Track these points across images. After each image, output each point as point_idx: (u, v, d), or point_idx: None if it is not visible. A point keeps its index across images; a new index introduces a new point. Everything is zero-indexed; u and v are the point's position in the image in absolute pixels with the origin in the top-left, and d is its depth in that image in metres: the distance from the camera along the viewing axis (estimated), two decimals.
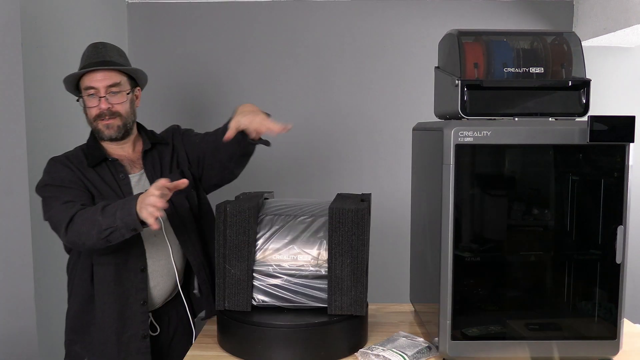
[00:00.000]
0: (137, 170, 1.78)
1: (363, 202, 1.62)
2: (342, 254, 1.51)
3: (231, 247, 1.55)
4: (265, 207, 1.67)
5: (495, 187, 1.51)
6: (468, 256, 1.47)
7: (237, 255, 1.55)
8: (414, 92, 2.85)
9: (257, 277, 1.56)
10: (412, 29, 2.85)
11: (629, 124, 1.40)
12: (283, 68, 2.89)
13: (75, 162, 1.71)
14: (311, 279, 1.55)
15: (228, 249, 1.55)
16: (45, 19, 2.18)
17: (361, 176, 2.94)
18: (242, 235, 1.55)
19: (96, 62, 1.68)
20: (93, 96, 1.68)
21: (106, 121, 1.70)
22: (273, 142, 1.74)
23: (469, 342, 1.47)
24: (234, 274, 1.55)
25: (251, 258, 1.55)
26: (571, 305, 1.55)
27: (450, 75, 1.55)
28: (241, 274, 1.55)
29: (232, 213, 1.54)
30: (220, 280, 1.57)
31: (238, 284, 1.55)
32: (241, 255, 1.55)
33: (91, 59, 1.70)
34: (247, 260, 1.55)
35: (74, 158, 1.73)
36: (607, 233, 1.46)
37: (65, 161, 1.71)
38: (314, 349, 1.50)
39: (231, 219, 1.55)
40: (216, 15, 2.87)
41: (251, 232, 1.56)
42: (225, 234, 1.55)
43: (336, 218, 1.51)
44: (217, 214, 1.57)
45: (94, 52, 1.71)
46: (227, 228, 1.55)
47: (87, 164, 1.71)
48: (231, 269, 1.55)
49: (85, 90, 1.68)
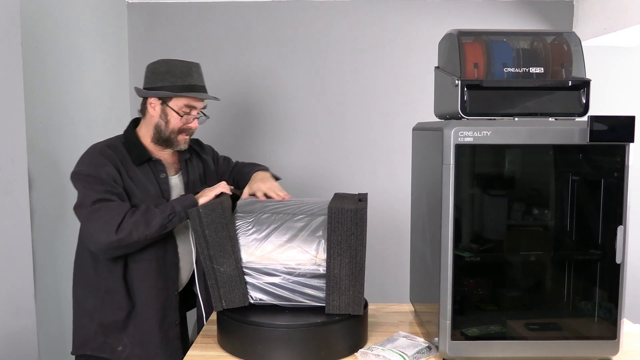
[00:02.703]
0: (174, 173, 1.92)
1: (361, 201, 1.62)
2: (340, 253, 1.51)
3: (214, 246, 1.55)
4: (263, 206, 1.68)
5: (495, 187, 1.51)
6: (468, 256, 1.47)
7: (221, 252, 1.55)
8: (414, 92, 2.85)
9: (255, 275, 1.57)
10: (412, 29, 2.86)
11: (629, 124, 1.40)
12: (283, 68, 2.89)
13: (120, 157, 1.79)
14: (309, 278, 1.56)
15: (211, 249, 1.55)
16: (45, 19, 2.18)
17: (361, 176, 2.94)
18: (221, 232, 1.56)
19: (202, 87, 1.88)
20: (189, 114, 1.85)
21: (186, 136, 1.89)
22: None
23: (469, 342, 1.47)
24: (224, 271, 1.55)
25: (237, 253, 1.56)
26: (571, 305, 1.55)
27: (450, 75, 1.55)
28: (231, 270, 1.55)
29: (206, 213, 1.55)
30: (212, 282, 1.57)
31: (230, 281, 1.56)
32: (225, 251, 1.55)
33: (198, 81, 1.87)
34: (233, 255, 1.55)
35: (117, 152, 1.80)
36: (607, 233, 1.46)
37: (109, 153, 1.77)
38: (314, 349, 1.50)
39: (206, 219, 1.55)
40: (216, 15, 2.87)
41: (230, 227, 1.57)
42: (205, 235, 1.55)
43: (335, 217, 1.51)
44: (192, 221, 1.57)
45: (198, 75, 1.87)
46: (205, 229, 1.55)
47: (132, 161, 1.80)
48: (220, 267, 1.55)
49: (186, 107, 1.84)
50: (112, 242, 1.64)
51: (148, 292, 1.80)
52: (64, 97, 2.31)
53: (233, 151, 2.92)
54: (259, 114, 2.92)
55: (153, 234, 1.68)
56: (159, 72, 1.82)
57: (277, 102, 2.91)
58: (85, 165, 1.74)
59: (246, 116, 2.93)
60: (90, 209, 1.66)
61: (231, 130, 2.94)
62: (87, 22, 2.51)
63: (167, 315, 1.84)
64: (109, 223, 1.64)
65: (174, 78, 1.80)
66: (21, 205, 1.98)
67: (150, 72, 1.85)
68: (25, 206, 1.98)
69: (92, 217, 1.66)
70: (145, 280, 1.80)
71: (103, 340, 1.80)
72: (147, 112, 1.85)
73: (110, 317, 1.79)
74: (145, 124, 1.87)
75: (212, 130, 2.94)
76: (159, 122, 1.83)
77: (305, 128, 2.92)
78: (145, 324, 1.80)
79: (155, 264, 1.80)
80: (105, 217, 1.64)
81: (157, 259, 1.80)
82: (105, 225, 1.64)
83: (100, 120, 2.59)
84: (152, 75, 1.83)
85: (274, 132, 2.92)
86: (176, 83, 1.80)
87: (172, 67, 1.81)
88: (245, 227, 1.61)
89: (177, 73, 1.81)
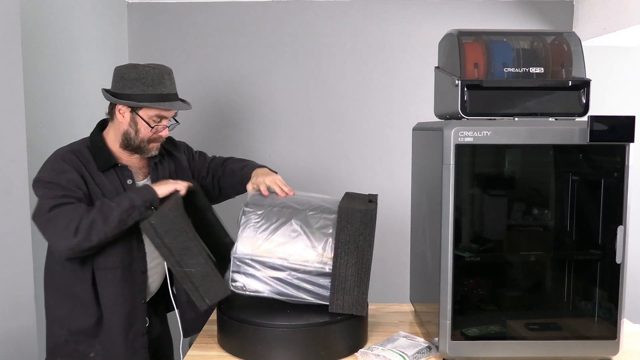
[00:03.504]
0: (142, 178, 1.84)
1: (371, 202, 1.61)
2: (347, 253, 1.51)
3: (178, 252, 1.54)
4: (274, 199, 1.66)
5: (495, 187, 1.51)
6: (468, 256, 1.47)
7: (187, 255, 1.54)
8: (414, 92, 2.85)
9: (259, 267, 1.55)
10: (412, 29, 2.85)
11: (629, 124, 1.40)
12: (283, 68, 2.89)
13: (84, 162, 1.72)
14: (314, 276, 1.54)
15: (177, 255, 1.54)
16: (45, 19, 2.18)
17: (361, 176, 2.94)
18: (180, 236, 1.54)
19: (175, 96, 1.80)
20: (159, 123, 1.78)
21: (157, 143, 1.81)
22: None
23: (469, 342, 1.48)
24: (197, 271, 1.54)
25: (202, 250, 1.55)
26: (571, 305, 1.55)
27: (450, 75, 1.55)
28: (203, 268, 1.54)
29: (159, 224, 1.53)
30: (189, 285, 1.56)
31: (206, 277, 1.55)
32: (192, 253, 1.54)
33: (170, 89, 1.79)
34: (199, 254, 1.54)
35: (81, 157, 1.73)
36: (607, 233, 1.46)
37: (72, 159, 1.71)
38: (314, 349, 1.50)
39: (162, 229, 1.53)
40: (216, 15, 2.87)
41: (188, 228, 1.56)
42: (166, 243, 1.54)
43: (345, 217, 1.51)
44: (148, 233, 1.55)
45: (170, 82, 1.79)
46: (163, 238, 1.54)
47: (97, 167, 1.73)
48: (191, 270, 1.54)
49: (157, 117, 1.77)
50: (72, 247, 1.59)
51: (114, 300, 1.73)
52: (64, 97, 2.31)
53: (233, 151, 2.92)
54: (259, 114, 2.92)
55: (113, 229, 1.61)
56: (128, 78, 1.72)
57: (277, 102, 2.91)
58: (47, 171, 1.68)
59: (246, 116, 2.93)
60: (47, 216, 1.61)
61: (231, 130, 2.93)
62: (87, 22, 2.51)
63: (133, 324, 1.76)
64: (66, 228, 1.58)
65: (144, 86, 1.71)
66: (21, 205, 1.98)
67: (119, 77, 1.75)
68: (25, 206, 1.98)
69: (49, 224, 1.61)
70: (111, 288, 1.73)
71: (74, 347, 1.75)
72: (115, 118, 1.76)
73: (81, 324, 1.73)
74: (113, 129, 1.78)
75: (212, 130, 2.95)
76: (128, 130, 1.75)
77: (306, 128, 2.92)
78: (111, 332, 1.74)
79: (120, 271, 1.73)
80: (62, 222, 1.59)
81: (122, 267, 1.73)
82: (64, 230, 1.58)
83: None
84: (122, 81, 1.73)
85: (274, 132, 2.92)
86: (147, 92, 1.71)
87: (142, 73, 1.72)
88: (255, 219, 1.59)
89: (148, 81, 1.72)
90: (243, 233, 1.57)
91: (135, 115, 1.74)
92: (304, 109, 2.92)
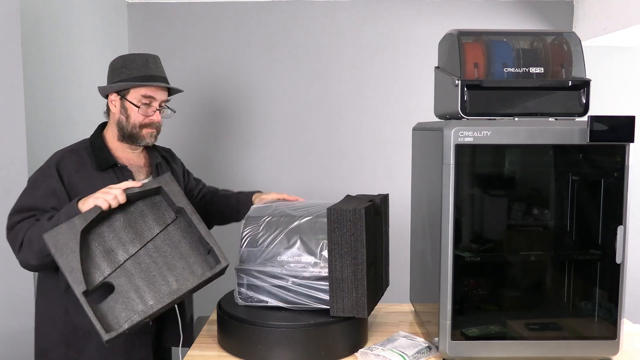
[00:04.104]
0: (144, 177, 1.85)
1: (371, 202, 1.60)
2: (342, 255, 1.51)
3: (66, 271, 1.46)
4: (272, 209, 1.68)
5: (495, 187, 1.51)
6: (468, 256, 1.47)
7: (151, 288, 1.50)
8: (414, 92, 2.85)
9: (263, 278, 1.56)
10: (412, 29, 2.86)
11: (629, 124, 1.40)
12: (283, 68, 2.89)
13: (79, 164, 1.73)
14: (314, 281, 1.55)
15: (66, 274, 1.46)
16: (45, 19, 2.18)
17: (361, 176, 2.94)
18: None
19: (161, 78, 1.81)
20: (148, 106, 1.79)
21: (151, 129, 1.81)
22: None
23: (469, 342, 1.48)
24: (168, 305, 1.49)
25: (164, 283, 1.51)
26: (571, 305, 1.55)
27: (450, 75, 1.55)
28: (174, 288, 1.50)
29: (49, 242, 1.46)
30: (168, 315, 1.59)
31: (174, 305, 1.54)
32: (155, 284, 1.50)
33: (156, 72, 1.80)
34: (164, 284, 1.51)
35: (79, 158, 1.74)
36: (607, 233, 1.46)
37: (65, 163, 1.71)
38: (314, 349, 1.50)
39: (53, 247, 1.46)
40: (216, 15, 2.87)
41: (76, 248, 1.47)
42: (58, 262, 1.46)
43: (334, 218, 1.51)
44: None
45: (155, 66, 1.81)
46: (55, 256, 1.46)
47: (95, 168, 1.74)
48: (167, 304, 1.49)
49: (144, 98, 1.78)
50: (21, 263, 1.64)
51: None
52: (64, 97, 2.31)
53: (232, 151, 2.92)
54: (259, 114, 2.92)
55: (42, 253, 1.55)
56: (116, 68, 1.78)
57: (276, 102, 2.91)
58: (37, 173, 1.72)
59: (246, 116, 2.93)
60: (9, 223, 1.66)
61: (230, 130, 2.93)
62: (87, 22, 2.51)
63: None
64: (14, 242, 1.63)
65: (129, 71, 1.76)
66: None
67: (109, 70, 1.81)
68: None
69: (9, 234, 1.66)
70: None
71: (65, 351, 1.73)
72: (110, 112, 1.81)
73: (72, 327, 1.72)
74: (110, 125, 1.82)
75: (212, 130, 2.95)
76: (120, 117, 1.78)
77: (305, 128, 2.92)
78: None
79: None
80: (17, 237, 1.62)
81: None
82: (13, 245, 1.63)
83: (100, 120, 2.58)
84: (111, 73, 1.80)
85: (274, 132, 2.92)
86: (132, 75, 1.76)
87: (128, 61, 1.78)
88: (255, 230, 1.61)
89: (134, 66, 1.77)
90: (244, 245, 1.60)
91: (125, 100, 1.77)
92: (303, 109, 2.92)
